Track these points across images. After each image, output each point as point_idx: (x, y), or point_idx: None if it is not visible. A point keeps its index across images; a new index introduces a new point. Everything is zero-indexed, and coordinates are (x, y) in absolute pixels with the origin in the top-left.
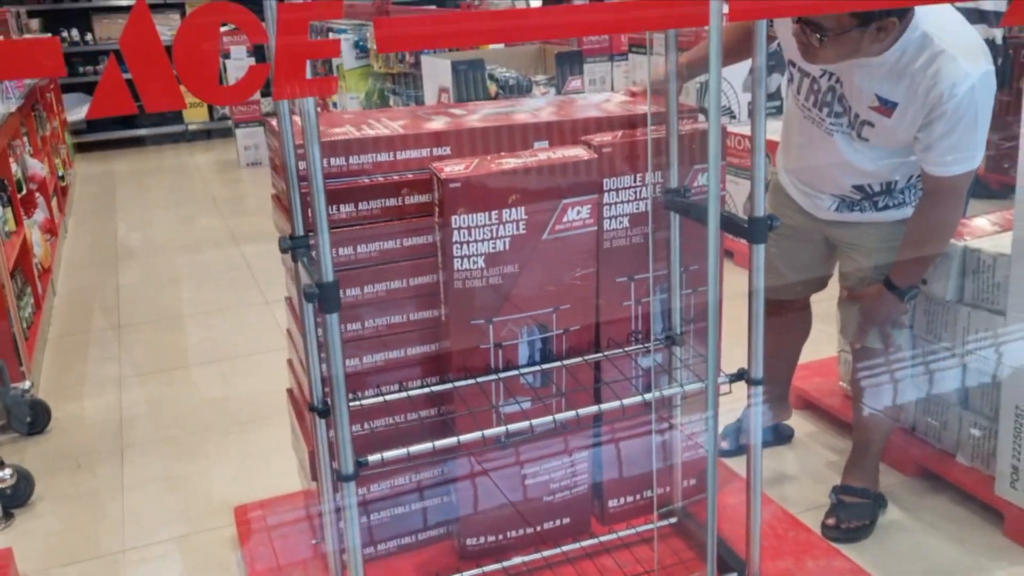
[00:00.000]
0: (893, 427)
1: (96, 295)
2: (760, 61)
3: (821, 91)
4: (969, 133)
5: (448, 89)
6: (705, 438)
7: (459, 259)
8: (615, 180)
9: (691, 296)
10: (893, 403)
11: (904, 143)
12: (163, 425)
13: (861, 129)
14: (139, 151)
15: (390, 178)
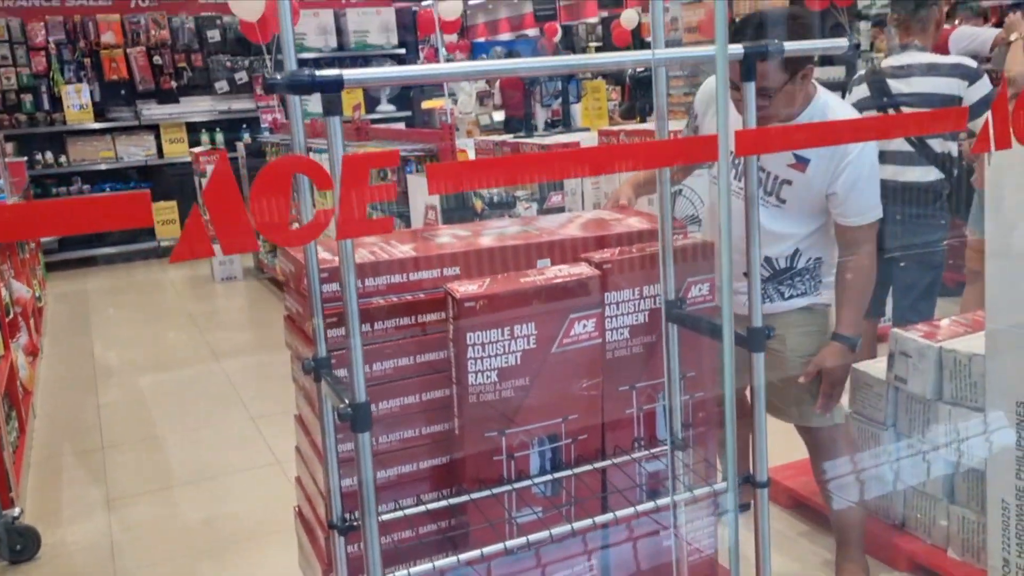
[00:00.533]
0: (865, 515)
1: (77, 416)
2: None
3: (741, 164)
4: (871, 187)
5: (435, 206)
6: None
7: (473, 374)
8: (616, 294)
9: (689, 402)
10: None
11: (817, 200)
12: (155, 550)
13: (780, 190)
14: (110, 269)
15: (404, 298)
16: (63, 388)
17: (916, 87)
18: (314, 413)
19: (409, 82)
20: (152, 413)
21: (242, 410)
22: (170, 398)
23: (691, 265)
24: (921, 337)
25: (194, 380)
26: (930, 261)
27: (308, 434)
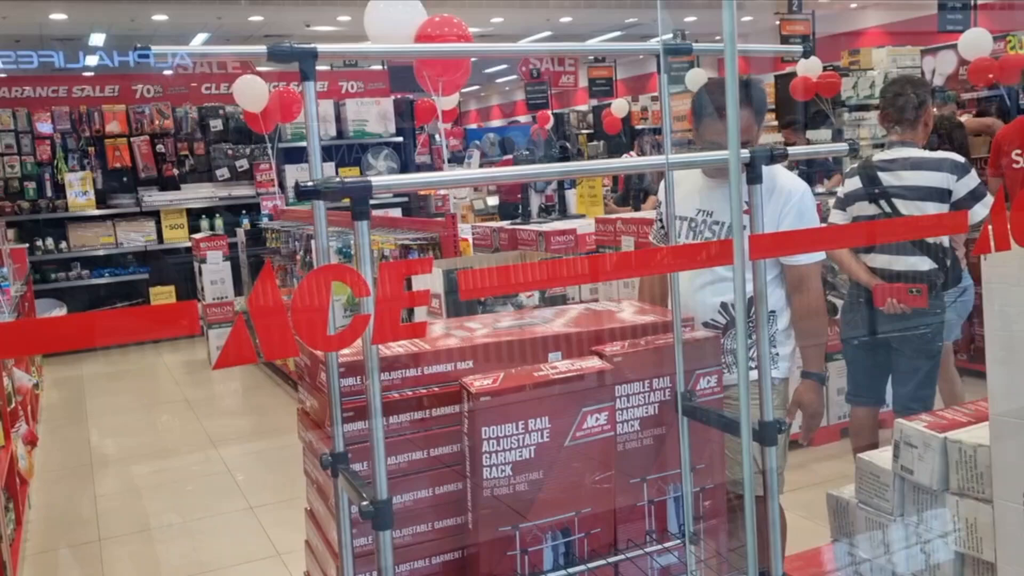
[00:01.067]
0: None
1: (73, 507)
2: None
3: (697, 225)
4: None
5: (440, 295)
6: None
7: (488, 468)
8: (626, 387)
9: (700, 494)
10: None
11: None
12: None
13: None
14: (105, 354)
15: (418, 392)
16: (59, 478)
17: (907, 180)
18: (327, 507)
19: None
20: (149, 504)
21: (241, 500)
22: (167, 488)
23: (699, 357)
24: (925, 427)
25: (191, 469)
26: (927, 350)
27: (319, 528)
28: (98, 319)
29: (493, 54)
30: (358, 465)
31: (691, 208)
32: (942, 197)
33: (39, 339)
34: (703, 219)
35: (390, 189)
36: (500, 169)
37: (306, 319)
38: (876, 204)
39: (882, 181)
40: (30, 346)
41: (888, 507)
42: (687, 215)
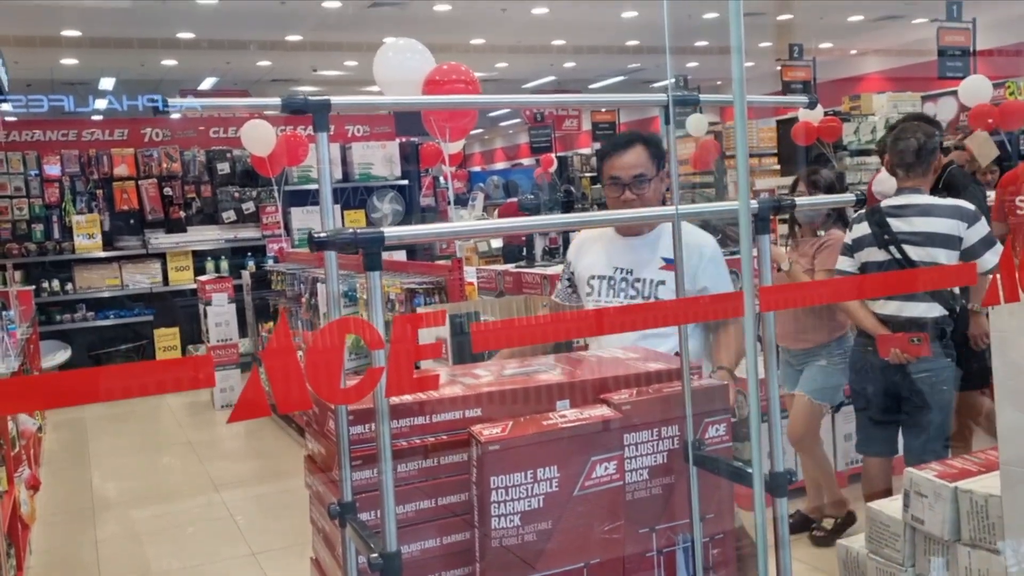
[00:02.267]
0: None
1: (74, 552)
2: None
3: (616, 282)
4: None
5: (445, 339)
6: None
7: (496, 518)
8: (634, 435)
9: (709, 544)
10: None
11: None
12: None
13: (657, 291)
14: None
15: (426, 440)
16: (61, 522)
17: (917, 227)
18: (333, 557)
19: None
20: (150, 549)
21: (243, 545)
22: (168, 532)
23: (707, 405)
24: (936, 476)
25: (193, 513)
26: (938, 400)
27: None
28: (114, 373)
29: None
30: (366, 515)
31: (606, 267)
32: (952, 244)
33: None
34: (622, 277)
35: (402, 240)
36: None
37: (320, 372)
38: (886, 250)
39: (892, 227)
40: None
41: (899, 557)
42: (604, 274)
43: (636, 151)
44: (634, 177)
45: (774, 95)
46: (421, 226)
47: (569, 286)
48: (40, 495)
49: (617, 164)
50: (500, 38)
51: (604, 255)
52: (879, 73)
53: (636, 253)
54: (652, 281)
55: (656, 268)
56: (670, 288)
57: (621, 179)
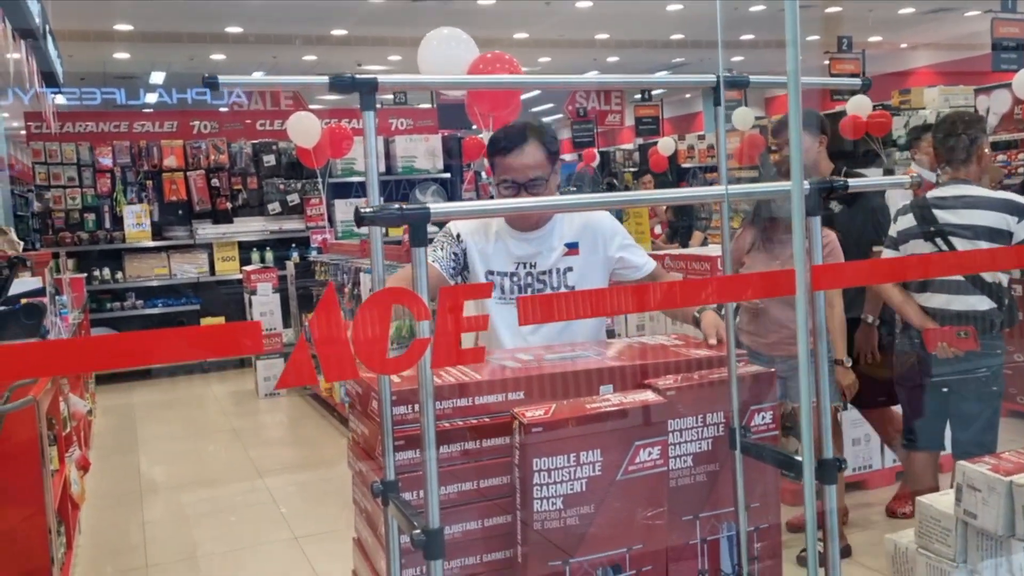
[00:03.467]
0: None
1: (122, 533)
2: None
3: (520, 278)
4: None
5: None
6: None
7: (538, 500)
8: (679, 421)
9: (754, 533)
10: None
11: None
12: None
13: (565, 278)
14: (155, 382)
15: (469, 422)
16: (109, 504)
17: (965, 219)
18: (375, 537)
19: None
20: (195, 532)
21: (286, 530)
22: (214, 516)
23: (753, 392)
24: (989, 470)
25: (237, 498)
26: (988, 392)
27: (367, 559)
28: (166, 337)
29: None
30: (408, 494)
31: (508, 263)
32: (1001, 238)
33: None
34: (526, 272)
35: (448, 216)
36: (557, 197)
37: (366, 342)
38: (932, 242)
39: (938, 219)
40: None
41: (950, 553)
42: (506, 270)
43: (531, 150)
44: (530, 180)
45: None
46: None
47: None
48: (89, 477)
49: (511, 165)
50: (543, 32)
51: (504, 250)
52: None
53: (534, 246)
54: (558, 271)
55: (559, 256)
56: (578, 273)
57: (516, 181)
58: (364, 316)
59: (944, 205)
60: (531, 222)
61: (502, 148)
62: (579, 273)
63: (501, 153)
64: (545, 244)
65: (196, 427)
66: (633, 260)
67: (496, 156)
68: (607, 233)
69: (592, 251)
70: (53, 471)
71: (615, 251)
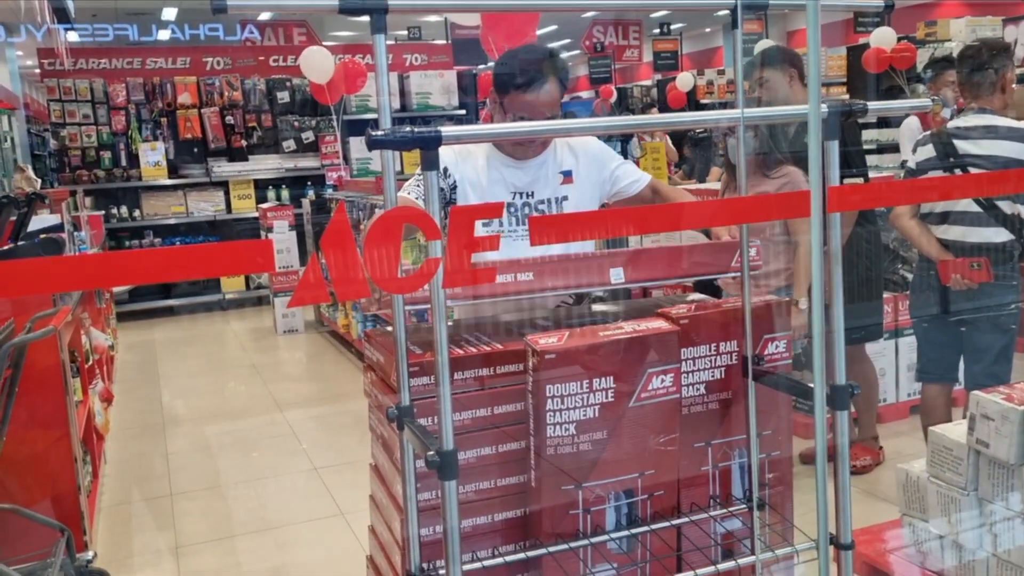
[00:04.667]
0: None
1: (146, 463)
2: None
3: (518, 208)
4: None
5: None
6: None
7: (551, 426)
8: (692, 350)
9: (766, 460)
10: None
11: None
12: None
13: (562, 207)
14: (176, 320)
15: (482, 349)
16: (133, 435)
17: (987, 149)
18: (391, 462)
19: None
20: (217, 462)
21: (305, 461)
22: (235, 448)
23: (767, 322)
24: (1003, 400)
25: (258, 430)
26: (1003, 324)
27: (384, 483)
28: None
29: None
30: (423, 421)
31: (504, 193)
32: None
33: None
34: (523, 202)
35: (460, 140)
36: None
37: (378, 260)
38: (951, 174)
39: (959, 149)
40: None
41: (961, 481)
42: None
43: (550, 87)
44: (547, 119)
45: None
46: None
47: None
48: (112, 410)
49: (531, 103)
50: None
51: (499, 179)
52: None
53: (531, 174)
54: (556, 199)
55: (556, 184)
56: (573, 202)
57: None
58: (375, 235)
59: (966, 136)
60: (532, 150)
61: (519, 84)
62: (574, 202)
63: (519, 89)
64: (542, 172)
65: (216, 363)
66: (630, 173)
67: (511, 91)
68: (598, 155)
69: (587, 177)
70: (77, 402)
71: (609, 171)
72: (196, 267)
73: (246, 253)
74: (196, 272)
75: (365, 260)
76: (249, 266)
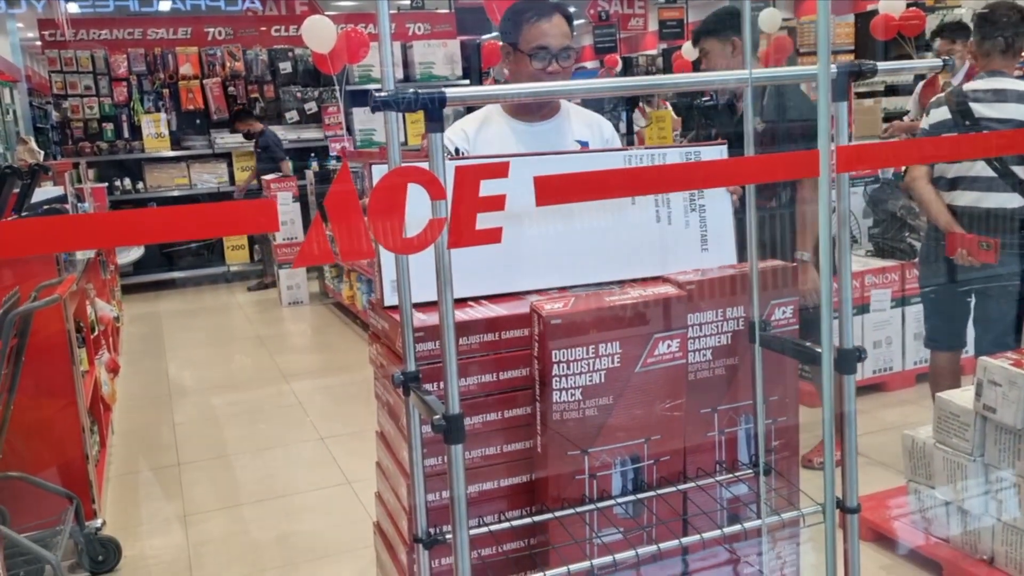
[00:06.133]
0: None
1: (153, 433)
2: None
3: None
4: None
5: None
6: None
7: (557, 392)
8: (699, 315)
9: (772, 425)
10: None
11: None
12: (233, 563)
13: None
14: (181, 292)
15: (487, 315)
16: (140, 406)
17: (1003, 112)
18: (397, 428)
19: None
20: (224, 432)
21: (311, 431)
22: (241, 418)
23: (773, 287)
24: (1011, 365)
25: (264, 401)
26: (1015, 292)
27: (390, 450)
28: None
29: None
30: (429, 387)
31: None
32: None
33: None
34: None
35: (463, 101)
36: (571, 83)
37: (382, 220)
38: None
39: (975, 112)
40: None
41: (967, 447)
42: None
43: (560, 19)
44: (562, 48)
45: None
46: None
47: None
48: (119, 381)
49: (546, 31)
50: None
51: (512, 145)
52: None
53: (546, 139)
54: None
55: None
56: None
57: (551, 48)
58: (380, 195)
59: (982, 99)
60: (544, 109)
61: (532, 16)
62: None
63: (531, 20)
64: (559, 139)
65: (222, 334)
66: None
67: (525, 24)
68: (609, 136)
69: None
70: (84, 372)
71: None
72: (200, 227)
73: (249, 213)
74: (201, 232)
75: (370, 221)
76: (252, 225)
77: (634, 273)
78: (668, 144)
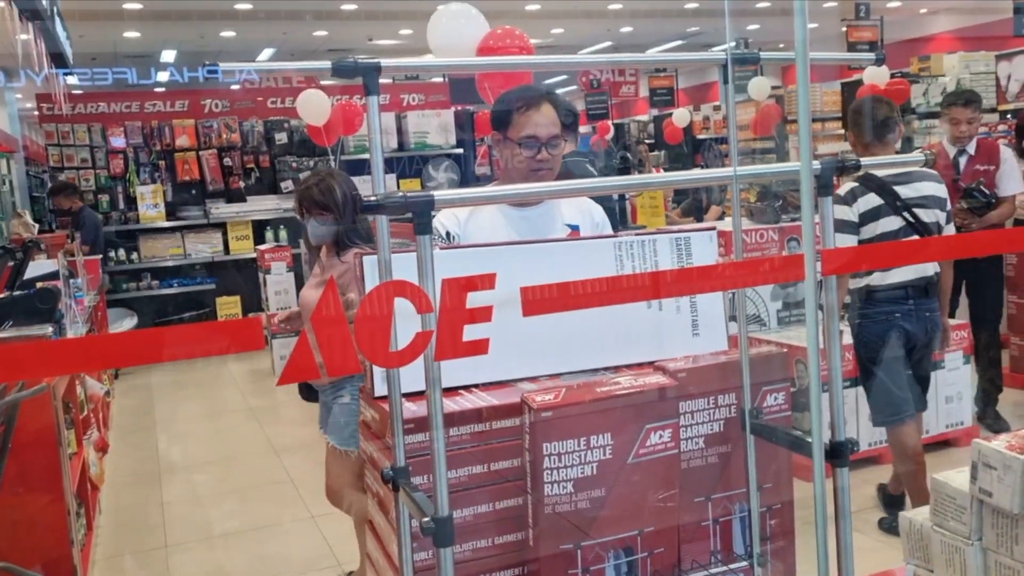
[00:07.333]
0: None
1: (141, 513)
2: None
3: None
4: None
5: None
6: None
7: (549, 484)
8: (690, 403)
9: (767, 514)
10: None
11: None
12: None
13: None
14: (173, 363)
15: (477, 405)
16: (128, 484)
17: (922, 191)
18: (387, 521)
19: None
20: (214, 511)
21: (302, 508)
22: (232, 495)
23: (765, 374)
24: (1005, 448)
25: (255, 476)
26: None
27: (380, 542)
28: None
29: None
30: (419, 478)
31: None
32: (943, 205)
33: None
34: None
35: (452, 204)
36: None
37: (369, 335)
38: (901, 216)
39: (899, 194)
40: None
41: (965, 531)
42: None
43: (548, 108)
44: (551, 137)
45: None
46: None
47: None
48: (108, 458)
49: (532, 121)
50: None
51: (503, 230)
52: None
53: (537, 224)
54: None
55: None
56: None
57: (538, 138)
58: (367, 309)
59: (899, 181)
60: (532, 198)
61: (521, 106)
62: None
63: (520, 110)
64: (546, 221)
65: (213, 407)
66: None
67: (514, 115)
68: (599, 220)
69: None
70: (71, 454)
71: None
72: (187, 347)
73: (236, 331)
74: (187, 353)
75: (356, 336)
76: (239, 344)
77: (626, 359)
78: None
